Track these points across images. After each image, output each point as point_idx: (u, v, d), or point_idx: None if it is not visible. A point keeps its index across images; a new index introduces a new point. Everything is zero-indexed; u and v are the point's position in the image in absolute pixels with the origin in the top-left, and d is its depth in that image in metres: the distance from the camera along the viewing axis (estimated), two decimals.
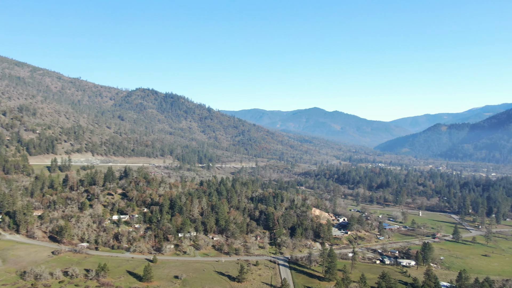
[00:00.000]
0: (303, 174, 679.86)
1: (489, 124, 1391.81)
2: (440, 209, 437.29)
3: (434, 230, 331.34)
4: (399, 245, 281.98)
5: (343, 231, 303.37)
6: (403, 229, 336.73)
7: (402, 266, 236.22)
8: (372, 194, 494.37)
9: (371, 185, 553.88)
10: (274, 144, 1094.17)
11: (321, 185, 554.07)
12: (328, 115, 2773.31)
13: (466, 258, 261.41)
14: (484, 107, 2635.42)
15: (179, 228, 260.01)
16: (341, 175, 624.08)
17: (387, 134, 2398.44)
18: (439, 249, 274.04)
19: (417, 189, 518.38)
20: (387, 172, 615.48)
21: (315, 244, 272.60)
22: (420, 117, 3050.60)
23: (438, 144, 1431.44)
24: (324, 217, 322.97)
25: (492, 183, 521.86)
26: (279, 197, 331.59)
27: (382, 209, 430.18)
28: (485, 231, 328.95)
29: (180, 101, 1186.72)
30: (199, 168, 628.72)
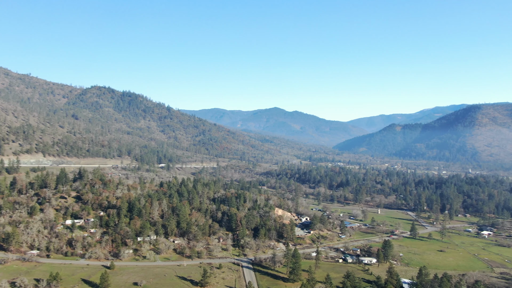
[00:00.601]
0: (265, 173, 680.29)
1: (440, 125, 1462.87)
2: (397, 206, 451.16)
3: (393, 227, 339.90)
4: (360, 243, 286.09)
5: (306, 231, 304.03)
6: (363, 227, 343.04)
7: (364, 264, 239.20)
8: (332, 193, 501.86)
9: (332, 184, 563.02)
10: (235, 144, 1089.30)
11: (283, 185, 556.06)
12: (288, 115, 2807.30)
13: (423, 254, 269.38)
14: (434, 108, 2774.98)
15: (138, 232, 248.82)
16: (302, 174, 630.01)
17: (345, 134, 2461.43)
18: (398, 246, 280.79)
19: (375, 187, 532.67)
20: (347, 171, 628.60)
21: (279, 244, 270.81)
22: (375, 117, 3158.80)
23: (393, 143, 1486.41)
24: (287, 217, 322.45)
25: (444, 180, 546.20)
26: (242, 198, 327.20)
27: (342, 208, 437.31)
28: (440, 227, 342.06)
29: (138, 100, 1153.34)
30: (159, 169, 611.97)
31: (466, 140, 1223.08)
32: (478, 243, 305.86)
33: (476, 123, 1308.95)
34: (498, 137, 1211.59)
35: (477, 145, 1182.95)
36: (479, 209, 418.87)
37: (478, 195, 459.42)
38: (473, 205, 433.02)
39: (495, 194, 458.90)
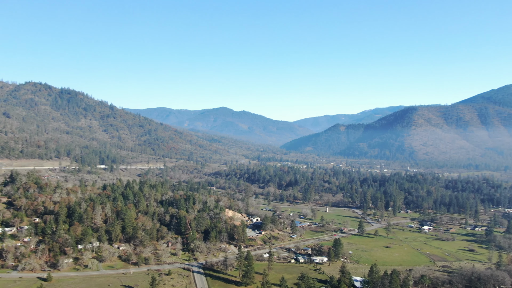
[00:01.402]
0: (214, 174, 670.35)
1: (380, 125, 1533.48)
2: (344, 204, 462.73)
3: (341, 225, 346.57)
4: (311, 242, 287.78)
5: (257, 232, 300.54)
6: (313, 226, 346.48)
7: (316, 263, 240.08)
8: (282, 192, 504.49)
9: (281, 184, 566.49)
10: (183, 143, 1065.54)
11: (232, 185, 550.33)
12: (236, 114, 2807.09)
13: (371, 250, 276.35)
14: (374, 109, 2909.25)
15: (79, 239, 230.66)
16: (251, 174, 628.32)
17: (291, 133, 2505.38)
18: (347, 243, 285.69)
19: (323, 186, 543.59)
20: (295, 171, 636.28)
21: (230, 247, 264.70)
22: (320, 117, 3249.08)
23: (337, 143, 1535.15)
24: (238, 218, 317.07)
25: (387, 178, 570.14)
26: (191, 200, 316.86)
27: (292, 207, 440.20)
28: (385, 223, 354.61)
29: (78, 98, 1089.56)
30: (101, 171, 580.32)
31: (404, 140, 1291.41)
32: (420, 238, 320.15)
33: (413, 123, 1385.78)
34: (432, 137, 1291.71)
35: (414, 144, 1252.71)
36: (419, 205, 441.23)
37: (418, 192, 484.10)
38: (413, 201, 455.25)
39: (433, 191, 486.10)
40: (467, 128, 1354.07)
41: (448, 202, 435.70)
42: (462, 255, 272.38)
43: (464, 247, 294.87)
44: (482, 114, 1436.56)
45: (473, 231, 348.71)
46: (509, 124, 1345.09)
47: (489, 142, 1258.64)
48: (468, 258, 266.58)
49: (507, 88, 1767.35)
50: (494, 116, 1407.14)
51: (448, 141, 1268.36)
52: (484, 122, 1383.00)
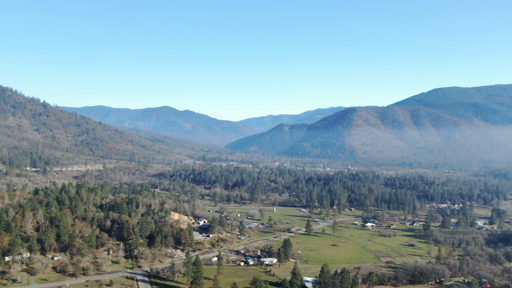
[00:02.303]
0: (157, 175, 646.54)
1: (322, 125, 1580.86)
2: (291, 204, 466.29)
3: (289, 225, 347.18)
4: (260, 244, 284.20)
5: (205, 235, 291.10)
6: (261, 227, 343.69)
7: (266, 265, 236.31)
8: (228, 193, 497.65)
9: (227, 184, 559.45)
10: (124, 144, 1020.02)
11: (177, 186, 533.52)
12: (179, 114, 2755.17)
13: (319, 249, 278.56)
14: (316, 110, 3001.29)
15: (6, 250, 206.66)
16: (197, 175, 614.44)
17: (236, 133, 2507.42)
18: (295, 243, 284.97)
19: (270, 185, 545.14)
20: (242, 171, 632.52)
21: (177, 251, 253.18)
22: (264, 117, 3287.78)
23: (282, 142, 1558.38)
24: (184, 221, 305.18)
25: (331, 177, 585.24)
26: (134, 203, 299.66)
27: (239, 208, 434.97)
28: (331, 222, 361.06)
29: (6, 94, 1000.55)
30: (33, 173, 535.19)
31: (345, 139, 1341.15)
32: (364, 235, 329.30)
33: (353, 124, 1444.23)
34: (370, 137, 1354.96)
35: (354, 143, 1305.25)
36: (362, 203, 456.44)
37: (360, 190, 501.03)
38: (356, 199, 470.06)
39: (374, 188, 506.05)
40: (402, 129, 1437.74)
41: (388, 199, 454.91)
42: (403, 250, 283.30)
43: (405, 242, 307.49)
44: (414, 115, 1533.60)
45: (412, 227, 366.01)
46: (438, 125, 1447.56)
47: (421, 142, 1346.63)
48: (409, 253, 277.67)
49: (435, 92, 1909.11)
50: (425, 117, 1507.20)
51: (385, 141, 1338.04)
52: (416, 123, 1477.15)
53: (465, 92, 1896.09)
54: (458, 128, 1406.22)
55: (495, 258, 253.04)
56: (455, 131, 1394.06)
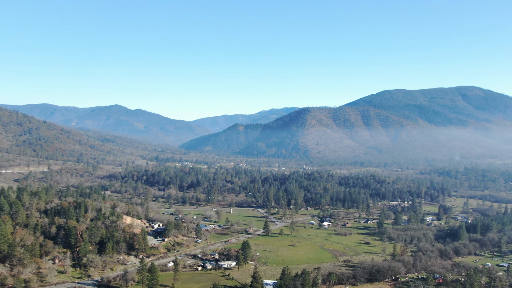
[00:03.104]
0: (108, 177, 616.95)
1: (277, 125, 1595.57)
2: (248, 204, 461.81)
3: (246, 226, 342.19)
4: (217, 246, 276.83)
5: (160, 239, 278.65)
6: (218, 229, 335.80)
7: (224, 268, 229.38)
8: (184, 194, 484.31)
9: (182, 185, 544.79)
10: (71, 144, 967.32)
11: (129, 188, 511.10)
12: (131, 113, 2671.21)
13: (277, 250, 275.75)
14: (270, 110, 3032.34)
15: None
16: (150, 176, 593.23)
17: (190, 133, 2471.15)
18: (253, 244, 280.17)
19: (226, 186, 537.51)
20: (197, 171, 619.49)
21: (130, 258, 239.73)
22: (219, 117, 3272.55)
23: (236, 142, 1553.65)
24: (138, 225, 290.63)
25: (287, 177, 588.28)
26: (82, 207, 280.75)
27: (195, 210, 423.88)
28: (288, 222, 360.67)
29: None
30: None
31: (299, 139, 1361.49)
32: (321, 234, 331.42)
33: (306, 124, 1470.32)
34: (323, 137, 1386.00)
35: (308, 143, 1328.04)
36: (318, 202, 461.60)
37: (316, 189, 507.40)
38: (312, 198, 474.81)
39: (329, 187, 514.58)
40: (353, 129, 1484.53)
41: (343, 198, 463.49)
42: (360, 248, 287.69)
43: (361, 240, 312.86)
44: (364, 116, 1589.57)
45: (366, 224, 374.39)
46: (386, 125, 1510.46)
47: (371, 141, 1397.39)
48: (365, 251, 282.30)
49: (383, 94, 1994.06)
50: (374, 118, 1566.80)
51: (337, 141, 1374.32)
52: (367, 123, 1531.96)
53: (411, 94, 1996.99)
54: (405, 129, 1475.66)
55: (445, 253, 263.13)
56: (402, 131, 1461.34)
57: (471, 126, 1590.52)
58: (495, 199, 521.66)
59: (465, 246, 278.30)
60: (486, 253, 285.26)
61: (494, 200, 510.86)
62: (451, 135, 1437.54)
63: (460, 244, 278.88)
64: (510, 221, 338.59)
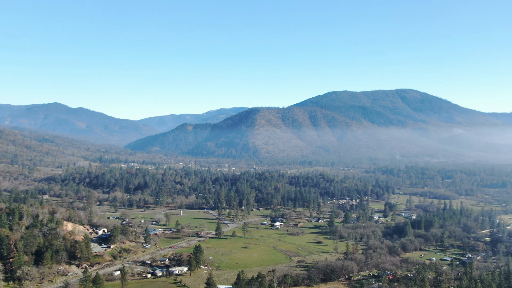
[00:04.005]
0: (46, 179, 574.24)
1: (226, 125, 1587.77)
2: (198, 206, 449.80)
3: (198, 228, 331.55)
4: (168, 251, 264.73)
5: (105, 246, 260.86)
6: (168, 232, 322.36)
7: (175, 275, 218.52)
8: (131, 197, 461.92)
9: (129, 187, 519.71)
10: (4, 144, 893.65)
11: (71, 192, 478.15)
12: (72, 111, 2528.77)
13: (230, 253, 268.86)
14: (219, 110, 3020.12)
15: None
16: (93, 178, 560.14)
17: (136, 133, 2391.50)
18: (206, 248, 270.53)
19: (175, 187, 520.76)
20: (144, 172, 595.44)
21: (71, 268, 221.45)
22: (166, 116, 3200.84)
23: (185, 142, 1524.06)
24: (80, 231, 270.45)
25: (237, 177, 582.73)
26: (17, 213, 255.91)
27: (143, 213, 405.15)
28: (241, 223, 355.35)
29: None
30: None
31: (249, 139, 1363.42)
32: (274, 234, 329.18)
33: (256, 124, 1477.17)
34: (273, 136, 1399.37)
35: (257, 143, 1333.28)
36: (270, 202, 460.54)
37: (267, 189, 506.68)
38: (264, 198, 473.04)
39: (280, 187, 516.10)
40: (301, 129, 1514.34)
41: (294, 197, 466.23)
42: (312, 248, 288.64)
43: (313, 239, 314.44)
44: (312, 116, 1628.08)
45: (317, 224, 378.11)
46: (333, 125, 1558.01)
47: (318, 141, 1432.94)
48: (318, 250, 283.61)
49: (330, 95, 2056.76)
50: (321, 118, 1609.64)
51: (286, 140, 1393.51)
52: (314, 124, 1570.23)
53: (355, 96, 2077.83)
54: (350, 129, 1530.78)
55: (394, 249, 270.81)
56: (347, 131, 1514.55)
57: (410, 127, 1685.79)
58: (434, 195, 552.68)
59: (412, 242, 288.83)
60: (430, 248, 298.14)
61: (434, 197, 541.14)
62: (392, 135, 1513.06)
63: (407, 240, 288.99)
64: (450, 216, 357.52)
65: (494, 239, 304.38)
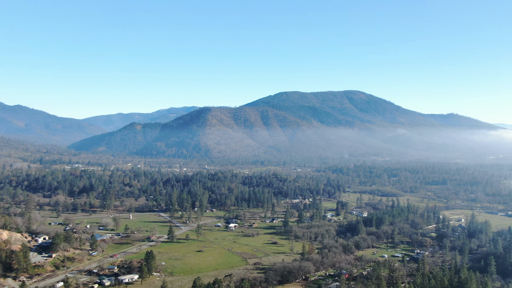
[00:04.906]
0: None
1: (177, 124, 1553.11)
2: (149, 208, 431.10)
3: (149, 232, 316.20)
4: (116, 258, 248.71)
5: (46, 255, 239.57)
6: (116, 238, 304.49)
7: (126, 284, 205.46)
8: (75, 200, 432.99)
9: (73, 190, 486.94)
10: None
11: (6, 196, 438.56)
12: (9, 109, 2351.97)
13: (184, 258, 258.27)
14: (169, 109, 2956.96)
15: None
16: (33, 181, 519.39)
17: (80, 132, 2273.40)
18: (158, 253, 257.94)
19: (124, 190, 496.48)
20: (90, 174, 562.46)
21: (6, 281, 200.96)
22: (114, 115, 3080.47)
23: (134, 142, 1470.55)
24: (17, 240, 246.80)
25: (190, 178, 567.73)
26: None
27: (89, 217, 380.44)
28: (194, 225, 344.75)
29: None
30: None
31: (200, 139, 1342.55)
32: (228, 236, 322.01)
33: (207, 123, 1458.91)
34: (225, 136, 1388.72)
35: (209, 143, 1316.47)
36: (223, 203, 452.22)
37: (220, 190, 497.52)
38: (217, 199, 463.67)
39: (233, 187, 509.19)
40: (253, 128, 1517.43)
41: (248, 197, 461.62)
42: (268, 249, 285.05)
43: (268, 240, 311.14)
44: (264, 116, 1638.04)
45: (272, 224, 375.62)
46: (284, 125, 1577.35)
47: (270, 141, 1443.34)
48: (274, 251, 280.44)
49: (281, 95, 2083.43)
50: (273, 118, 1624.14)
51: (238, 140, 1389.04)
52: (266, 123, 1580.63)
53: (305, 96, 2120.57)
54: (301, 129, 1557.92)
55: (348, 248, 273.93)
56: (298, 131, 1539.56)
57: (357, 127, 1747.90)
58: (382, 193, 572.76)
59: (364, 240, 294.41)
60: (382, 245, 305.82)
61: (382, 194, 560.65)
62: (340, 135, 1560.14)
63: (360, 238, 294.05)
64: (398, 213, 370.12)
65: (440, 235, 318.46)
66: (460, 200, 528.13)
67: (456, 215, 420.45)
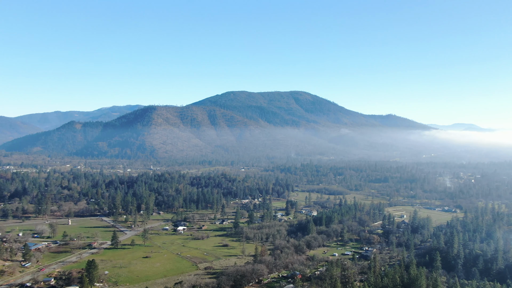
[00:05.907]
0: None
1: (120, 123, 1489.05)
2: (90, 213, 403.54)
3: (90, 239, 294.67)
4: (53, 269, 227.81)
5: None
6: (53, 246, 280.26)
7: None
8: (5, 206, 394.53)
9: (3, 195, 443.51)
10: None
11: None
12: None
13: (129, 265, 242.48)
14: (112, 107, 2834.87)
15: None
16: None
17: (12, 131, 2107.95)
18: (100, 261, 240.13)
19: (62, 193, 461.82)
20: (23, 177, 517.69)
21: None
22: (50, 113, 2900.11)
23: (73, 142, 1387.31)
24: None
25: (134, 179, 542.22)
26: None
27: (22, 224, 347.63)
28: (140, 230, 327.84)
29: None
30: None
31: (145, 139, 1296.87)
32: (177, 240, 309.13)
33: (153, 122, 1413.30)
34: (171, 136, 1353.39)
35: (154, 143, 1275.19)
36: (171, 205, 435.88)
37: (167, 191, 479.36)
38: (164, 201, 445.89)
39: (181, 189, 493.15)
40: (200, 128, 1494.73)
41: (196, 199, 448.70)
42: (219, 252, 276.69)
43: (219, 243, 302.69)
44: (211, 115, 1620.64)
45: (222, 225, 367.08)
46: (231, 125, 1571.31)
47: (218, 141, 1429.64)
48: (225, 254, 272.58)
49: (228, 94, 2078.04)
50: (220, 118, 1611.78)
51: (185, 140, 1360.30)
52: (213, 123, 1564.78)
53: (252, 96, 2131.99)
54: (248, 128, 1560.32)
55: (299, 248, 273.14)
56: (245, 131, 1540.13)
57: (303, 127, 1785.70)
58: (329, 191, 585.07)
59: (315, 239, 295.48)
60: (332, 244, 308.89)
61: (329, 193, 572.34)
62: (287, 135, 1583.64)
63: (311, 238, 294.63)
64: (346, 211, 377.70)
65: (386, 231, 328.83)
66: (401, 197, 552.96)
67: (399, 212, 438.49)
